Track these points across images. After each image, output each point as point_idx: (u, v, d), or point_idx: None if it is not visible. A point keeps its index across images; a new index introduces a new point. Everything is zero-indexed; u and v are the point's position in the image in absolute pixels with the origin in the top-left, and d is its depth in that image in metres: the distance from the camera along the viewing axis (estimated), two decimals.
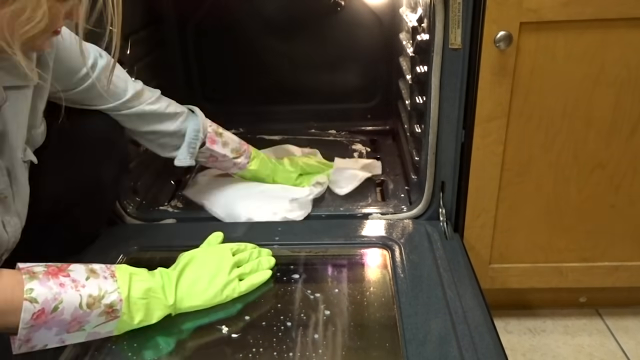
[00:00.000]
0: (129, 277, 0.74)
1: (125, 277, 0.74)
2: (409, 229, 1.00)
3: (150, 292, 0.76)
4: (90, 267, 0.73)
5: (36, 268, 0.69)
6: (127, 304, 0.73)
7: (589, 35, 0.88)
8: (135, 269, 0.78)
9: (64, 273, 0.70)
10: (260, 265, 0.88)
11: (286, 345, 0.74)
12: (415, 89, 1.15)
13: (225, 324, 0.79)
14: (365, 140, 1.46)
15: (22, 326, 0.65)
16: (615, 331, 1.14)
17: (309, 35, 1.47)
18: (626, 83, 0.91)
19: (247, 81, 1.51)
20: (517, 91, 0.92)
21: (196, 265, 0.82)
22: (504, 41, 0.86)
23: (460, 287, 0.84)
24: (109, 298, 0.71)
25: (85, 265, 0.73)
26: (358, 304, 0.83)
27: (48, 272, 0.69)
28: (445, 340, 0.74)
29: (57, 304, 0.67)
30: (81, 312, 0.69)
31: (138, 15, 1.26)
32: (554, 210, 1.03)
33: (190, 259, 0.83)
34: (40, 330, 0.67)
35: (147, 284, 0.76)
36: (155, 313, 0.76)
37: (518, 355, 1.09)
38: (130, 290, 0.73)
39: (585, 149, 0.97)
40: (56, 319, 0.67)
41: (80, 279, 0.70)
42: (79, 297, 0.69)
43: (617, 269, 1.07)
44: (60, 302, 0.67)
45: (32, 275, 0.67)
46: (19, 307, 0.64)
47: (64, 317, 0.67)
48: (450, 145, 0.98)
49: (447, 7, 0.87)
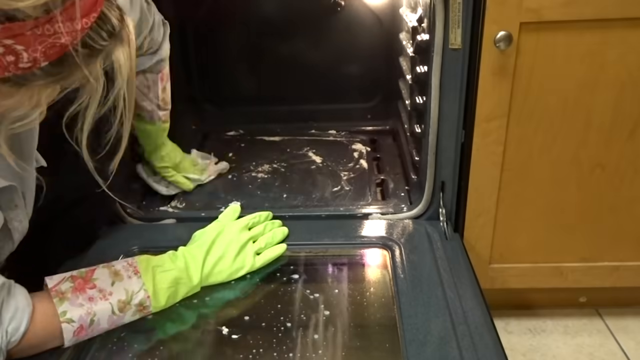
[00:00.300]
0: (152, 272, 0.79)
1: (149, 272, 0.79)
2: (409, 229, 1.00)
3: (177, 280, 0.81)
4: (113, 269, 0.77)
5: (63, 286, 0.73)
6: (155, 297, 0.78)
7: (589, 35, 0.88)
8: (157, 258, 0.82)
9: (90, 284, 0.74)
10: (275, 237, 0.94)
11: (286, 346, 0.74)
12: (415, 89, 1.15)
13: (225, 325, 0.79)
14: (365, 140, 1.46)
15: (67, 343, 0.72)
16: (615, 331, 1.14)
17: (309, 35, 1.46)
18: (626, 83, 0.91)
19: (247, 81, 1.51)
20: (517, 91, 0.92)
21: (220, 244, 0.88)
22: (504, 41, 0.86)
23: (460, 287, 0.84)
24: (137, 298, 0.76)
25: (108, 268, 0.78)
26: (358, 305, 0.83)
27: (75, 289, 0.73)
28: (445, 340, 0.74)
29: (92, 317, 0.73)
30: (115, 317, 0.75)
31: None
32: (554, 210, 1.03)
33: (215, 236, 0.88)
34: (85, 339, 0.74)
35: (172, 274, 0.81)
36: (180, 294, 0.82)
37: (518, 355, 1.09)
38: (155, 284, 0.79)
39: (585, 149, 0.97)
40: (95, 329, 0.74)
41: (106, 287, 0.75)
42: (110, 305, 0.74)
43: (617, 269, 1.07)
44: (94, 315, 0.73)
45: (61, 297, 0.72)
46: (60, 331, 0.71)
47: (102, 326, 0.74)
48: (450, 145, 0.98)
49: (447, 7, 0.87)
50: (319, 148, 1.40)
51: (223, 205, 1.12)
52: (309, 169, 1.29)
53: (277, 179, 1.24)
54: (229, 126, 1.51)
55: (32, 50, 0.48)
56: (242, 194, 1.17)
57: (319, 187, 1.20)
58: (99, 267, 0.78)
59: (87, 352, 0.75)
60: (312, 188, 1.20)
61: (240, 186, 1.21)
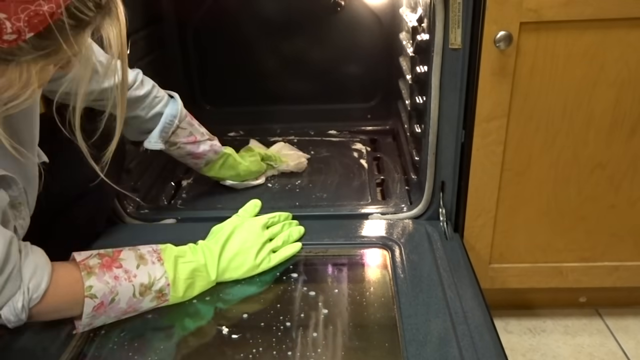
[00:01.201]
0: (174, 261, 0.81)
1: (171, 261, 0.80)
2: (409, 229, 1.00)
3: (195, 272, 0.83)
4: (139, 253, 0.79)
5: (91, 261, 0.75)
6: (174, 287, 0.80)
7: (589, 35, 0.88)
8: (179, 249, 0.84)
9: (117, 264, 0.76)
10: (291, 236, 0.95)
11: (286, 346, 0.74)
12: (415, 89, 1.15)
13: (225, 324, 0.79)
14: (365, 140, 1.46)
15: (85, 317, 0.73)
16: (615, 331, 1.14)
17: (309, 35, 1.46)
18: (626, 83, 0.91)
19: (247, 81, 1.51)
20: (517, 91, 0.92)
21: (236, 240, 0.89)
22: (504, 41, 0.86)
23: (460, 287, 0.84)
24: (158, 284, 0.78)
25: (135, 251, 0.80)
26: (358, 304, 0.83)
27: (103, 265, 0.75)
28: (445, 340, 0.74)
29: (114, 296, 0.74)
30: (135, 300, 0.76)
31: (138, 15, 1.26)
32: (554, 210, 1.03)
33: (231, 232, 0.89)
34: (101, 317, 0.75)
35: (191, 265, 0.82)
36: (197, 287, 0.83)
37: (518, 355, 1.09)
38: (176, 273, 0.80)
39: (585, 149, 0.97)
40: (114, 308, 0.75)
41: (132, 268, 0.77)
42: (132, 287, 0.76)
43: (617, 269, 1.07)
44: (116, 294, 0.74)
45: (89, 271, 0.73)
46: (81, 302, 0.72)
47: (121, 306, 0.75)
48: (450, 145, 0.98)
49: (447, 7, 0.87)
50: (319, 148, 1.40)
51: (223, 205, 1.12)
52: (309, 169, 1.29)
53: (277, 179, 1.24)
54: (229, 126, 1.51)
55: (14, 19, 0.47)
56: (242, 194, 1.17)
57: (319, 187, 1.20)
58: (125, 249, 0.79)
59: (89, 349, 0.75)
60: (312, 188, 1.20)
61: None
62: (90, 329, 0.78)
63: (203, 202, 1.16)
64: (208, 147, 1.07)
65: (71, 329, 0.77)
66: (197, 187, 1.23)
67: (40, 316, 0.71)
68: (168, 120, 0.98)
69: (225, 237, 0.88)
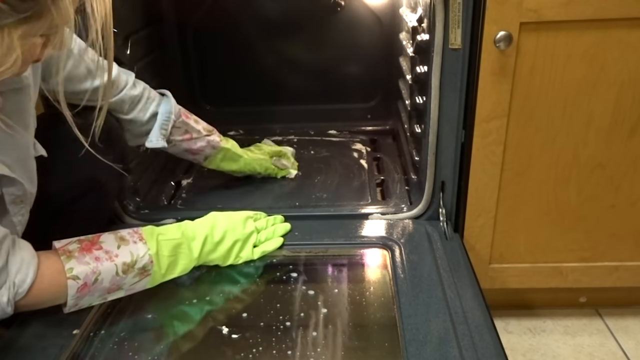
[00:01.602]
0: (156, 238, 0.82)
1: (153, 239, 0.81)
2: (409, 229, 1.00)
3: (178, 249, 0.84)
4: (119, 235, 0.80)
5: (70, 246, 0.76)
6: (157, 262, 0.81)
7: (589, 35, 0.88)
8: (160, 228, 0.85)
9: (97, 246, 0.77)
10: (275, 232, 0.97)
11: (286, 346, 0.74)
12: (415, 89, 1.15)
13: (225, 324, 0.79)
14: (365, 140, 1.46)
15: (70, 299, 0.74)
16: (615, 331, 1.14)
17: (309, 35, 1.46)
18: (626, 83, 0.91)
19: (247, 81, 1.51)
20: (517, 91, 0.92)
21: (224, 227, 0.90)
22: (504, 41, 0.86)
23: (460, 287, 0.84)
24: (141, 262, 0.79)
25: (114, 234, 0.80)
26: (358, 304, 0.83)
27: (82, 249, 0.76)
28: (445, 340, 0.74)
29: (97, 276, 0.75)
30: (118, 278, 0.77)
31: (138, 15, 1.26)
32: (554, 210, 1.03)
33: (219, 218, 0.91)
34: (85, 297, 0.76)
35: (174, 242, 0.83)
36: (180, 265, 0.84)
37: (518, 355, 1.09)
38: (158, 249, 0.81)
39: (585, 149, 0.97)
40: (98, 287, 0.76)
41: (112, 249, 0.78)
42: (115, 266, 0.77)
43: (617, 269, 1.07)
44: (99, 274, 0.75)
45: (68, 255, 0.74)
46: (66, 288, 0.73)
47: (104, 285, 0.76)
48: (450, 145, 0.98)
49: (447, 7, 0.87)
50: (319, 148, 1.40)
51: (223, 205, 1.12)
52: (309, 169, 1.29)
53: (277, 179, 1.24)
54: (229, 126, 1.51)
55: None
56: (242, 194, 1.17)
57: (319, 187, 1.20)
58: (104, 233, 0.80)
59: (88, 349, 0.75)
60: (312, 188, 1.20)
61: (240, 186, 1.21)
62: (91, 329, 0.78)
63: (203, 202, 1.17)
64: (205, 142, 1.09)
65: (71, 329, 0.77)
66: (197, 187, 1.24)
67: (27, 307, 0.73)
68: (164, 117, 1.00)
69: (212, 222, 0.89)
